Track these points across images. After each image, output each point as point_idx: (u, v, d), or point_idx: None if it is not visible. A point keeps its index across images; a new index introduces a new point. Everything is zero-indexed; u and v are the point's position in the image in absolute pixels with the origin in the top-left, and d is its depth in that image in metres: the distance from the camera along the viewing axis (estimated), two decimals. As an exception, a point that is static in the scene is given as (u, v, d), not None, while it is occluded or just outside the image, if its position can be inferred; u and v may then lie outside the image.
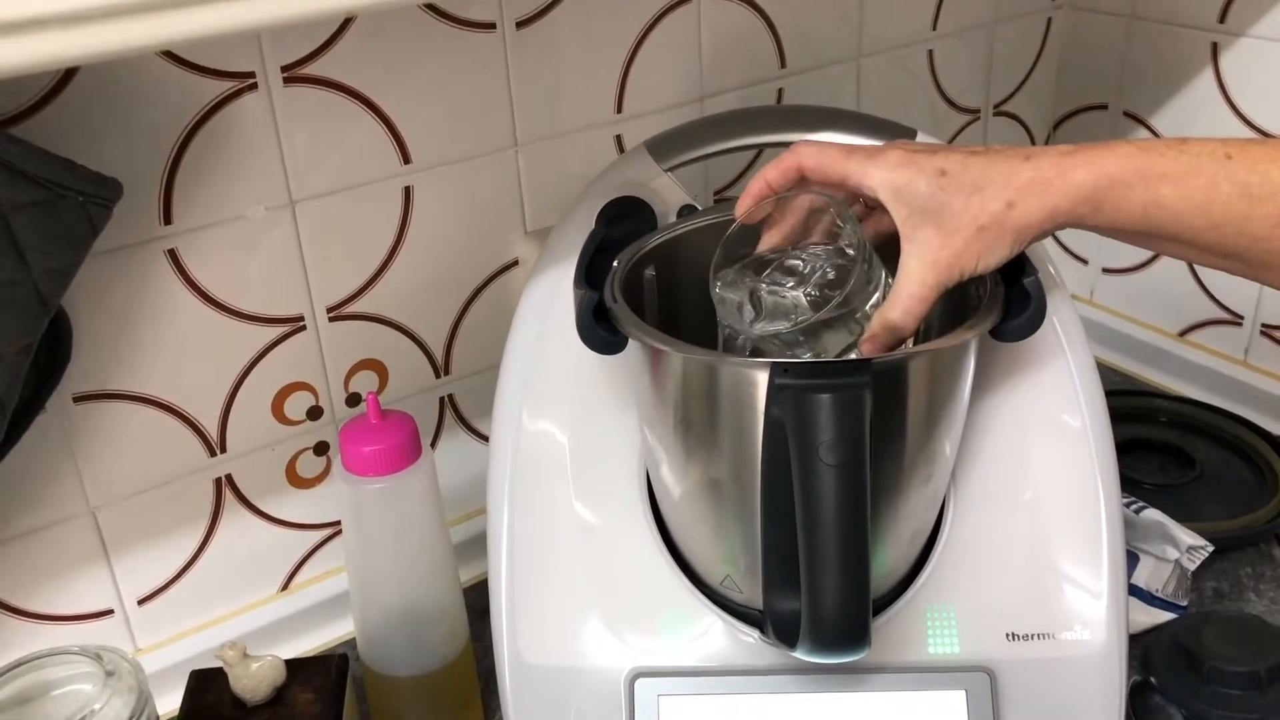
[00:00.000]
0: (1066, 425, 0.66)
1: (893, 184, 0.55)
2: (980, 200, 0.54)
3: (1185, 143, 0.54)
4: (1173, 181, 0.54)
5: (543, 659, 0.65)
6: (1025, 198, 0.54)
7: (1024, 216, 0.55)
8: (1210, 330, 1.09)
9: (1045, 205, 0.55)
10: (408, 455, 0.67)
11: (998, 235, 0.55)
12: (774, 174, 0.61)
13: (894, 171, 0.55)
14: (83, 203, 0.62)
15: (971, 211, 0.54)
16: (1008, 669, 0.63)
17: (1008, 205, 0.54)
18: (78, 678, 0.57)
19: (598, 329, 0.59)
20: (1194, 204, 0.54)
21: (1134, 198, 0.54)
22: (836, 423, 0.52)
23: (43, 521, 0.75)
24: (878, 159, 0.57)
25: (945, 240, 0.55)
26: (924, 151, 0.56)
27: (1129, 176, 0.54)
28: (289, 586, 0.87)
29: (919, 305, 0.57)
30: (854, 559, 0.53)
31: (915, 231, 0.56)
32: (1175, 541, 0.81)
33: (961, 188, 0.54)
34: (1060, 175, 0.54)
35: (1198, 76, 1.03)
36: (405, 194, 0.81)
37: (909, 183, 0.55)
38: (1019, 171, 0.54)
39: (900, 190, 0.55)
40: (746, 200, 0.62)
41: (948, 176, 0.55)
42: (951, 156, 0.55)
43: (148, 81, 0.69)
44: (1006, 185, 0.54)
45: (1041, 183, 0.54)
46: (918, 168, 0.55)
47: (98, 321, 0.72)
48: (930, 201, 0.55)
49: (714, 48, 0.91)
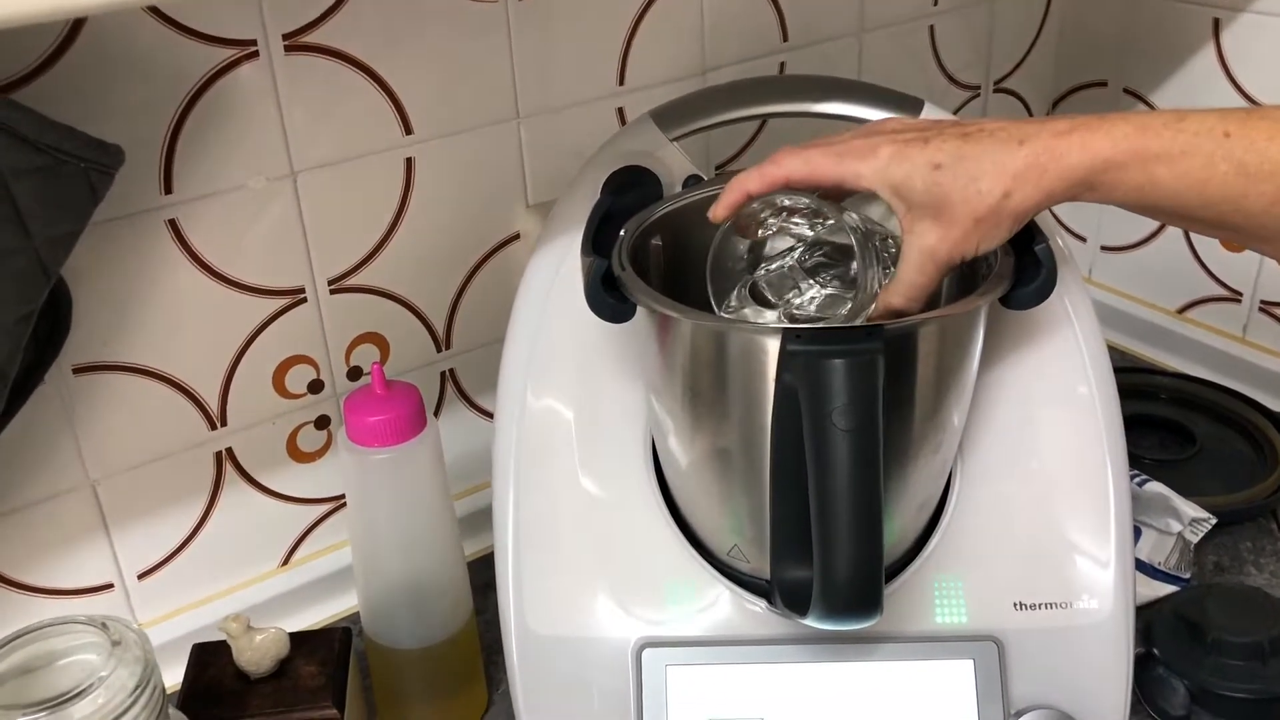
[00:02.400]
0: (1074, 395, 0.66)
1: (889, 182, 0.55)
2: (976, 191, 0.54)
3: (1183, 119, 0.53)
4: (1168, 162, 0.53)
5: (550, 629, 0.65)
6: (1021, 185, 0.54)
7: (1020, 203, 0.55)
8: (1209, 307, 1.09)
9: (1040, 190, 0.54)
10: (413, 426, 0.67)
11: (995, 224, 0.55)
12: (756, 185, 0.59)
13: (889, 170, 0.55)
14: (84, 169, 0.62)
15: (970, 205, 0.54)
16: (1015, 638, 0.63)
17: (1004, 195, 0.54)
18: (83, 647, 0.56)
19: (606, 297, 0.59)
20: (1190, 183, 0.53)
21: (1129, 179, 0.54)
22: (849, 388, 0.52)
23: (42, 494, 0.74)
24: (868, 158, 0.56)
25: (944, 232, 0.55)
26: (916, 141, 0.55)
27: (1124, 159, 0.53)
28: (289, 561, 0.87)
29: (920, 292, 0.57)
30: (867, 524, 0.53)
31: (915, 224, 0.56)
32: (1178, 514, 0.81)
33: (956, 180, 0.54)
34: (1054, 160, 0.54)
35: (1199, 52, 1.03)
36: (407, 165, 0.80)
37: (905, 180, 0.55)
38: (1013, 158, 0.54)
39: (897, 188, 0.55)
40: (722, 209, 0.60)
41: (942, 170, 0.54)
42: (944, 147, 0.54)
43: (149, 49, 0.68)
44: (1001, 175, 0.54)
45: (1036, 169, 0.54)
46: (911, 164, 0.55)
47: (98, 292, 0.72)
48: (927, 197, 0.55)
49: (716, 21, 0.91)
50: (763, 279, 0.64)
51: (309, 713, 0.67)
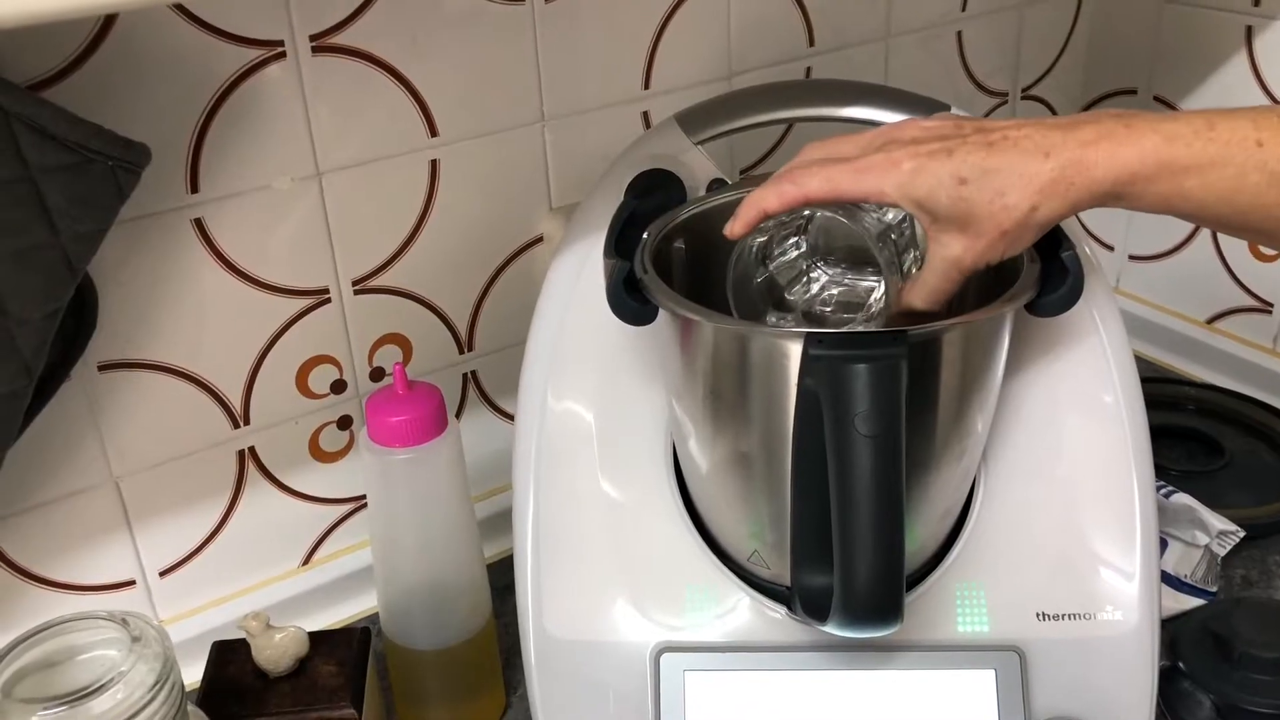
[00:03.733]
0: (1100, 402, 0.65)
1: (914, 198, 0.54)
2: (1003, 206, 0.53)
3: (1213, 127, 0.53)
4: (1197, 174, 0.52)
5: (568, 633, 0.64)
6: (1048, 199, 0.53)
7: (1046, 215, 0.54)
8: (1238, 318, 1.08)
9: (1067, 202, 0.54)
10: (435, 426, 0.67)
11: (1020, 234, 0.55)
12: (774, 204, 0.57)
13: (912, 185, 0.54)
14: (111, 167, 0.62)
15: (996, 219, 0.54)
16: (1038, 649, 0.63)
17: (1031, 209, 0.53)
18: (104, 643, 0.56)
19: (628, 299, 0.59)
20: (1219, 194, 0.53)
21: (1157, 190, 0.53)
22: (872, 393, 0.52)
23: (66, 490, 0.75)
24: (891, 172, 0.55)
25: (969, 245, 0.55)
26: (939, 153, 0.54)
27: (1151, 171, 0.52)
28: (310, 561, 0.87)
29: (943, 296, 0.57)
30: (889, 531, 0.53)
31: (940, 235, 0.55)
32: (1205, 526, 0.80)
33: (982, 194, 0.53)
34: (1081, 173, 0.53)
35: (1230, 60, 1.02)
36: (431, 167, 0.80)
37: (929, 195, 0.54)
38: (1039, 171, 0.53)
39: (922, 203, 0.54)
40: (740, 227, 0.59)
41: (968, 185, 0.53)
42: (968, 159, 0.53)
43: (177, 49, 0.69)
44: (1028, 189, 0.53)
45: (1063, 182, 0.53)
46: (935, 178, 0.54)
47: (123, 290, 0.72)
48: (953, 211, 0.54)
49: (742, 25, 0.90)
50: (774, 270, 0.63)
51: (327, 712, 0.67)
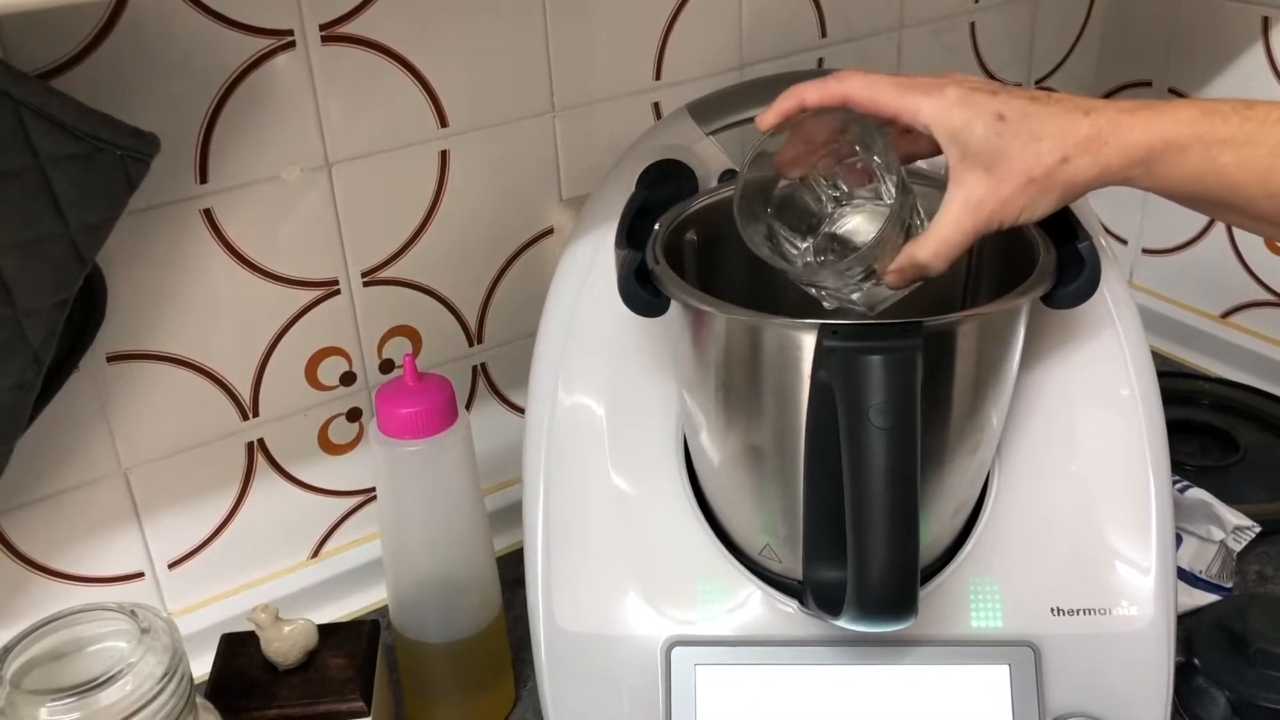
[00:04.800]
0: (1116, 397, 0.65)
1: (949, 125, 0.54)
2: (1035, 151, 0.53)
3: (1250, 107, 0.53)
4: (1232, 149, 0.52)
5: (579, 626, 0.64)
6: (1080, 154, 0.53)
7: (1075, 173, 0.53)
8: (1253, 312, 1.07)
9: (1098, 163, 0.53)
10: (444, 419, 0.66)
11: (1046, 189, 0.54)
12: (814, 96, 0.57)
13: (951, 111, 0.54)
14: (120, 157, 0.62)
15: (1026, 162, 0.53)
16: (1052, 644, 0.62)
17: (1062, 160, 0.53)
18: (113, 634, 0.56)
19: (640, 290, 0.58)
20: (1253, 173, 0.52)
21: (1189, 163, 0.53)
22: (887, 385, 0.51)
23: (74, 482, 0.75)
24: (934, 95, 0.54)
25: (993, 187, 0.54)
26: (983, 91, 0.54)
27: (1186, 141, 0.52)
28: (319, 553, 0.87)
29: (952, 249, 0.55)
30: (903, 524, 0.52)
31: (964, 174, 0.54)
32: (1221, 522, 0.79)
33: (1018, 136, 0.53)
34: (1116, 134, 0.53)
35: (1247, 51, 1.01)
36: (441, 158, 0.80)
37: (966, 125, 0.53)
38: (1077, 126, 0.53)
39: (956, 132, 0.54)
40: (772, 116, 0.58)
41: (1006, 123, 0.53)
42: (1011, 102, 0.53)
43: (186, 38, 0.68)
44: (1063, 139, 0.53)
45: (1097, 140, 0.53)
46: (976, 110, 0.53)
47: (132, 280, 0.72)
48: (985, 146, 0.53)
49: (754, 16, 0.90)
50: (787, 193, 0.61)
51: (336, 704, 0.67)
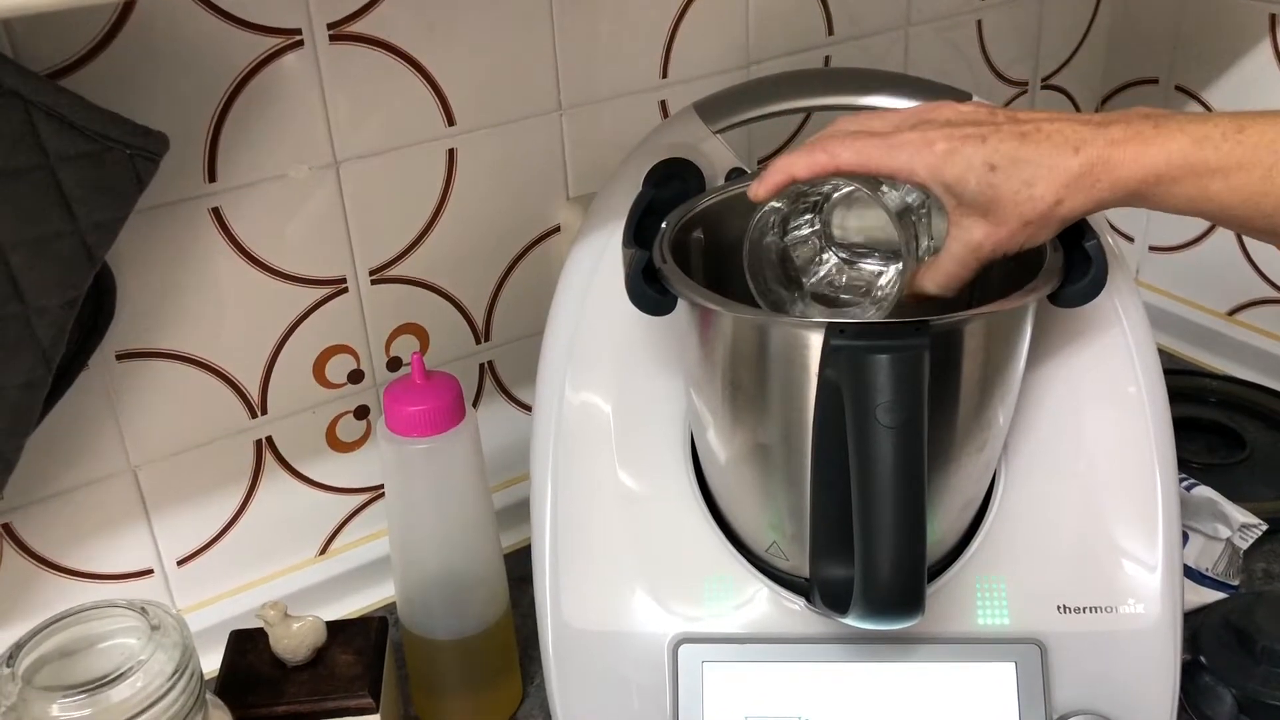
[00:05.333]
0: (1123, 395, 0.65)
1: (942, 180, 0.55)
2: (1029, 196, 0.54)
3: (1243, 129, 0.52)
4: (1223, 177, 0.52)
5: (586, 623, 0.64)
6: (1073, 194, 0.54)
7: (1070, 210, 0.54)
8: (1260, 309, 1.07)
9: (1091, 199, 0.54)
10: (452, 416, 0.66)
11: (1043, 225, 0.55)
12: (803, 170, 0.57)
13: (943, 166, 0.54)
14: (129, 156, 0.62)
15: (1020, 208, 0.54)
16: (1059, 642, 0.62)
17: (1056, 202, 0.54)
18: (123, 631, 0.57)
19: (647, 289, 0.58)
20: (1245, 197, 0.53)
21: (1181, 192, 0.53)
22: (895, 383, 0.51)
23: (84, 479, 0.75)
24: (923, 152, 0.55)
25: (991, 231, 0.55)
26: (972, 139, 0.54)
27: (1177, 174, 0.53)
28: (327, 550, 0.87)
29: (957, 282, 0.57)
30: (910, 522, 0.52)
31: (962, 219, 0.56)
32: (1227, 519, 0.80)
33: (1010, 183, 0.54)
34: (1107, 171, 0.53)
35: (1254, 50, 1.01)
36: (449, 156, 0.80)
37: (959, 179, 0.54)
38: (1068, 166, 0.53)
39: (950, 187, 0.55)
40: (763, 190, 0.58)
41: (996, 172, 0.54)
42: (1001, 147, 0.54)
43: (194, 37, 0.68)
44: (1054, 181, 0.53)
45: (1089, 178, 0.53)
46: (967, 162, 0.54)
47: (141, 279, 0.72)
48: (979, 197, 0.54)
49: (761, 14, 0.90)
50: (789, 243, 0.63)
51: (344, 701, 0.67)
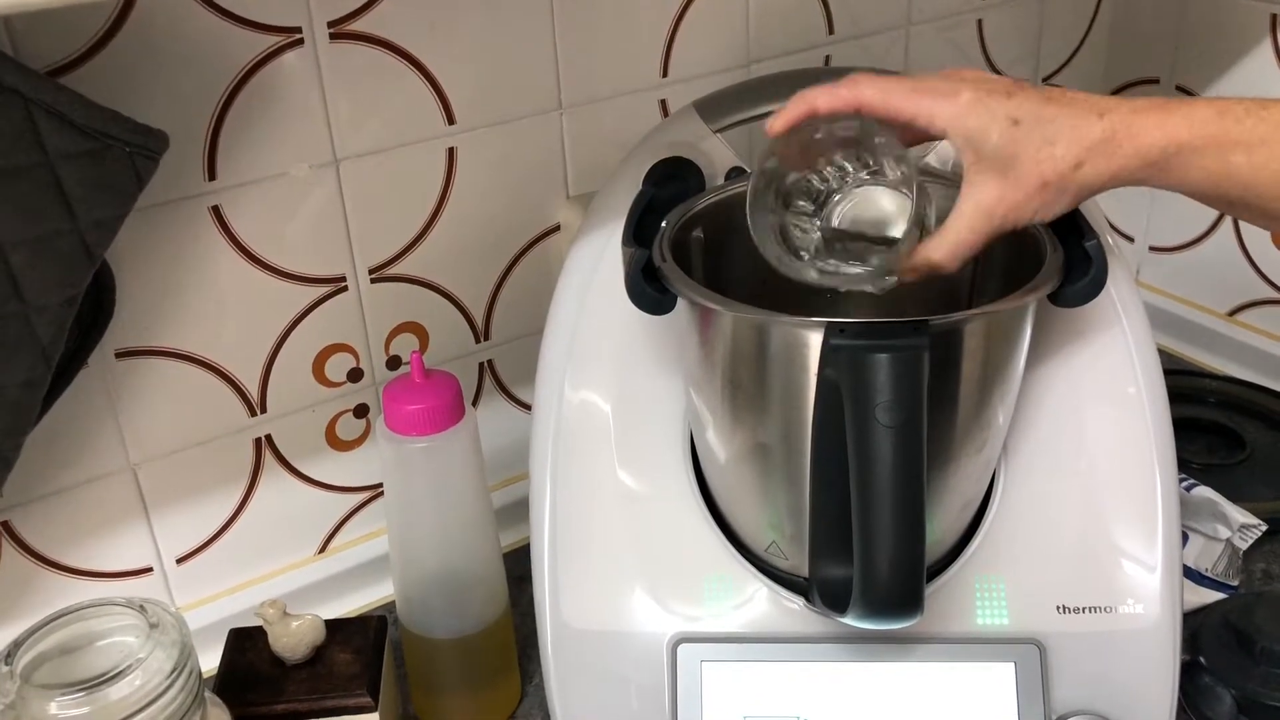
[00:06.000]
0: (1122, 395, 0.65)
1: (964, 130, 0.54)
2: (1050, 155, 0.53)
3: (1265, 107, 0.53)
4: (1246, 150, 0.52)
5: (585, 623, 0.64)
6: (1094, 158, 0.53)
7: (1089, 176, 0.54)
8: (1261, 310, 1.07)
9: (1112, 166, 0.53)
10: (451, 415, 0.66)
11: (1060, 191, 0.54)
12: (824, 103, 0.56)
13: (966, 117, 0.54)
14: (129, 154, 0.62)
15: (1040, 167, 0.53)
16: (1058, 642, 0.62)
17: (1076, 164, 0.53)
18: (121, 629, 0.57)
19: (647, 288, 0.58)
20: (1268, 174, 0.52)
21: (1203, 164, 0.53)
22: (894, 383, 0.51)
23: (83, 477, 0.75)
24: (949, 100, 0.54)
25: (1007, 191, 0.54)
26: (997, 93, 0.54)
27: (1200, 143, 0.53)
28: (326, 549, 0.87)
29: (965, 250, 0.56)
30: (909, 522, 0.52)
31: (978, 177, 0.54)
32: (1227, 520, 0.79)
33: (1032, 140, 0.53)
34: (1130, 138, 0.53)
35: (1255, 49, 1.01)
36: (449, 155, 0.80)
37: (981, 130, 0.53)
38: (1091, 129, 0.53)
39: (971, 137, 0.54)
40: (782, 123, 0.57)
41: (1020, 127, 0.53)
42: (1025, 105, 0.54)
43: (194, 35, 0.68)
44: (1077, 143, 0.53)
45: (1112, 143, 0.53)
46: (991, 115, 0.54)
47: (141, 277, 0.72)
48: (1000, 152, 0.53)
49: (761, 13, 0.90)
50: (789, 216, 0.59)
51: (343, 700, 0.67)
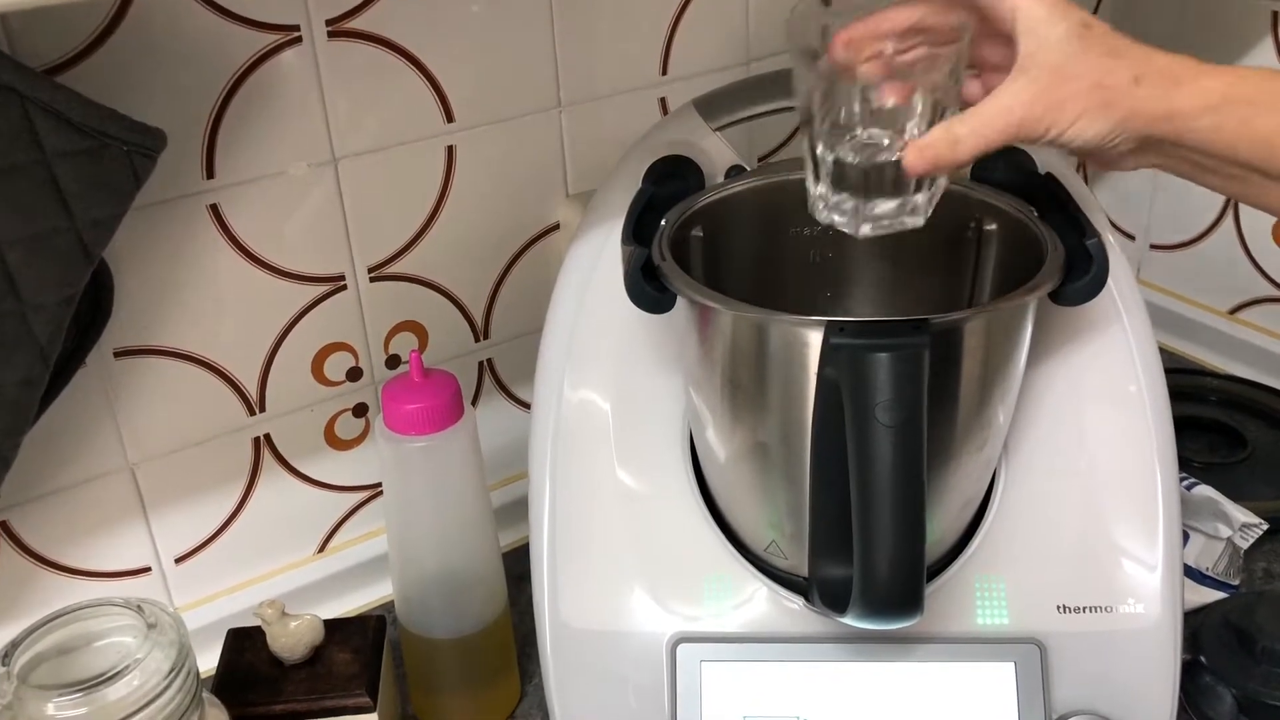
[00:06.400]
0: (1123, 393, 0.65)
1: (1034, 14, 0.52)
2: (1111, 65, 0.52)
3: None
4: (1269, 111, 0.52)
5: (584, 622, 0.64)
6: (1154, 81, 0.53)
7: (1143, 101, 0.53)
8: (1262, 308, 1.06)
9: (1168, 98, 0.53)
10: (450, 414, 0.66)
11: (1107, 103, 0.53)
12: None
13: (1039, 4, 0.53)
14: (127, 152, 0.62)
15: (1099, 70, 0.52)
16: (1058, 641, 0.62)
17: (1135, 79, 0.52)
18: (119, 629, 0.57)
19: (646, 287, 0.58)
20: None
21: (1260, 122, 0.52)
22: (894, 382, 0.51)
23: (82, 477, 0.75)
24: None
25: (1056, 84, 0.52)
26: (1074, 8, 0.53)
27: (1262, 98, 0.52)
28: (325, 548, 0.87)
29: (989, 134, 0.53)
30: (909, 522, 0.52)
31: (1031, 66, 0.53)
32: (1228, 519, 0.79)
33: (1098, 46, 0.52)
34: (1193, 78, 0.53)
35: (1256, 49, 1.00)
36: (448, 153, 0.80)
37: (1049, 19, 0.52)
38: (1157, 58, 0.53)
39: (1039, 21, 0.52)
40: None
41: (1090, 30, 0.52)
42: (1100, 22, 0.53)
43: (192, 33, 0.68)
44: (1142, 62, 0.53)
45: (1173, 76, 0.53)
46: (1064, 11, 0.52)
47: (139, 276, 0.72)
48: (1063, 46, 0.52)
49: (760, 11, 0.90)
50: None
51: (342, 700, 0.67)
